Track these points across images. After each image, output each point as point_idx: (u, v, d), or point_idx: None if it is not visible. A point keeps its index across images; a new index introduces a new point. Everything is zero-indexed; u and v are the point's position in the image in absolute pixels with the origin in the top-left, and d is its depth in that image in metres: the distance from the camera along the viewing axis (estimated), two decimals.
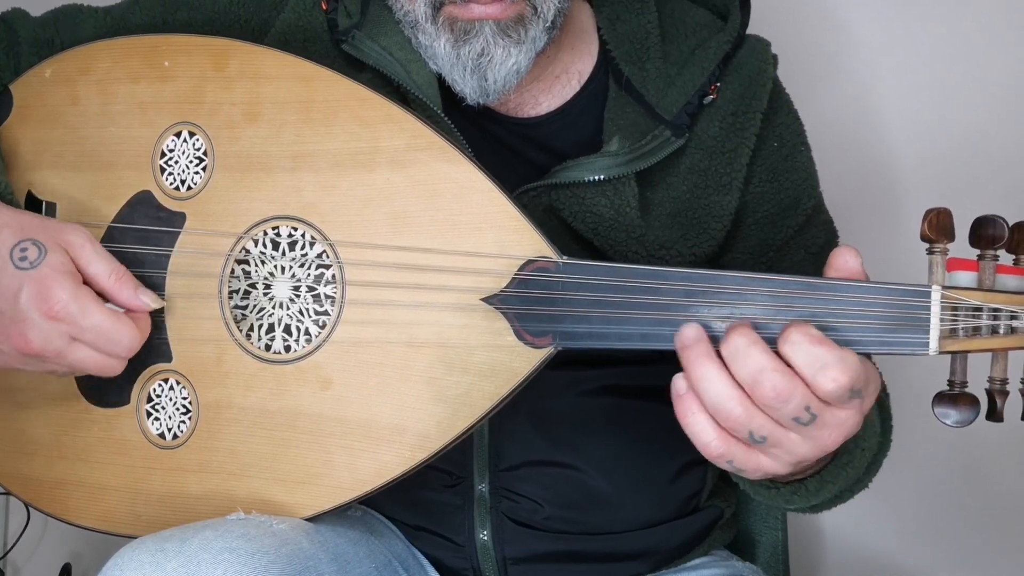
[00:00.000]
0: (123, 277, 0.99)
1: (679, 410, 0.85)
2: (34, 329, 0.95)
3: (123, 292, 0.98)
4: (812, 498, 0.98)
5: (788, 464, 0.86)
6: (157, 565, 0.89)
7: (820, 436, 0.84)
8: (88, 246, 0.98)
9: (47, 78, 1.10)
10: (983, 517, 1.61)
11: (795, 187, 1.14)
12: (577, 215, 1.08)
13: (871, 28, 1.60)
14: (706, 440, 0.85)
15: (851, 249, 0.86)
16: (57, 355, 0.96)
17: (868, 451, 0.98)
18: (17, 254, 0.96)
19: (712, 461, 0.86)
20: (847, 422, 0.84)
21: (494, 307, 0.95)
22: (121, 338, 0.96)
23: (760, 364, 0.81)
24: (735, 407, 0.82)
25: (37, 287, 0.94)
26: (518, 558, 1.14)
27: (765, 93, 1.12)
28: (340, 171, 1.00)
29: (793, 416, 0.82)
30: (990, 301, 0.83)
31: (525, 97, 1.13)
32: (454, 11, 1.03)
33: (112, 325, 0.96)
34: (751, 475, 0.88)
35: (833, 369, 0.80)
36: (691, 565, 1.21)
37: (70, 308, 0.94)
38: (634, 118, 1.10)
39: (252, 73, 1.04)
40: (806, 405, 0.81)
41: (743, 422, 0.83)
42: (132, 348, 0.97)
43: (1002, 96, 1.55)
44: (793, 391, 0.81)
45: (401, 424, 0.97)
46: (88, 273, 0.98)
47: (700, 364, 0.84)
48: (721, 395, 0.83)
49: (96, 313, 0.95)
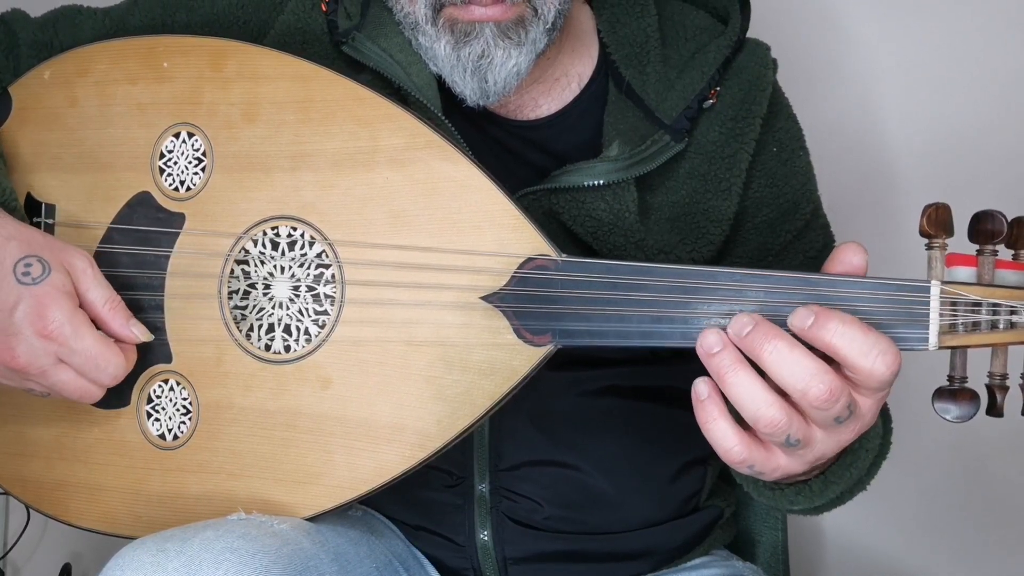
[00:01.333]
0: (117, 307, 1.00)
1: (700, 416, 0.84)
2: (23, 344, 0.95)
3: (115, 320, 0.99)
4: (816, 499, 0.97)
5: (807, 463, 0.86)
6: (158, 565, 0.89)
7: (845, 432, 0.83)
8: (89, 271, 0.99)
9: (46, 80, 1.10)
10: (984, 516, 1.61)
11: (794, 192, 1.14)
12: (577, 219, 1.08)
13: (870, 29, 1.60)
14: (728, 446, 0.84)
15: (858, 246, 0.86)
16: (40, 373, 0.96)
17: (871, 452, 0.98)
18: (21, 268, 0.96)
19: (732, 467, 0.86)
20: (866, 416, 0.84)
21: (493, 305, 0.95)
22: (107, 366, 0.97)
23: (808, 368, 0.80)
24: (776, 413, 0.81)
25: (35, 303, 0.95)
26: (518, 558, 1.14)
27: (765, 98, 1.12)
28: (339, 171, 1.00)
29: (836, 416, 0.81)
30: (989, 296, 0.83)
31: (525, 99, 1.13)
32: (454, 13, 1.03)
33: (101, 351, 0.97)
34: (768, 476, 0.87)
35: (889, 354, 0.80)
36: (691, 565, 1.21)
37: (64, 329, 0.95)
38: (634, 122, 1.10)
39: (250, 73, 1.04)
40: (849, 403, 0.81)
41: (783, 428, 0.81)
42: (116, 377, 0.98)
43: (1001, 95, 1.56)
44: (843, 389, 0.80)
45: (401, 423, 0.97)
46: (85, 298, 0.98)
47: (733, 372, 0.82)
48: (760, 402, 0.81)
49: (88, 337, 0.96)
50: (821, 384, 0.80)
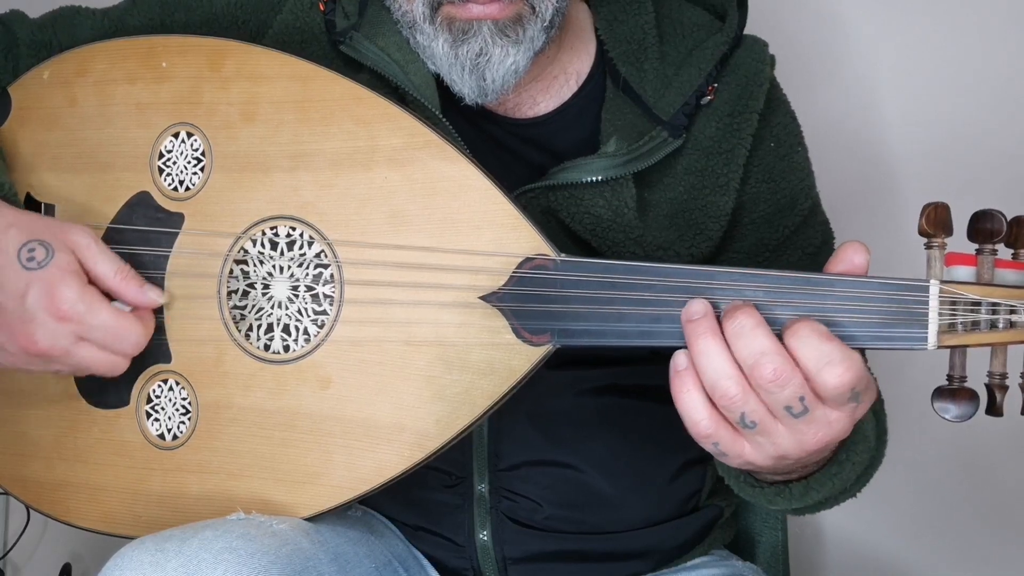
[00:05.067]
0: (128, 275, 0.99)
1: (675, 386, 0.86)
2: (41, 329, 0.95)
3: (129, 289, 0.99)
4: (795, 502, 0.98)
5: (769, 457, 0.86)
6: (157, 565, 0.89)
7: (806, 432, 0.84)
8: (93, 245, 0.99)
9: (45, 80, 1.10)
10: (983, 515, 1.61)
11: (792, 187, 1.14)
12: (575, 216, 1.08)
13: (869, 26, 1.60)
14: (696, 418, 0.85)
15: (860, 244, 0.86)
16: (64, 354, 0.97)
17: (859, 464, 0.98)
18: (25, 254, 0.96)
19: (698, 441, 0.87)
20: (836, 425, 0.85)
21: (492, 305, 0.95)
22: (128, 335, 0.97)
23: (762, 345, 0.82)
24: (732, 385, 0.83)
25: (44, 287, 0.95)
26: (518, 558, 1.14)
27: (762, 93, 1.12)
28: (338, 170, 1.00)
29: (786, 404, 0.82)
30: (989, 295, 0.83)
31: (523, 97, 1.13)
32: (452, 11, 1.03)
33: (119, 323, 0.97)
34: (732, 462, 0.88)
35: (839, 366, 0.81)
36: (691, 564, 1.21)
37: (77, 307, 0.95)
38: (631, 119, 1.10)
39: (248, 73, 1.04)
40: (801, 395, 0.82)
41: (738, 403, 0.83)
42: (139, 345, 0.99)
43: (1000, 95, 1.55)
44: (791, 376, 0.81)
45: (400, 423, 0.97)
46: (94, 273, 0.98)
47: (703, 338, 0.84)
48: (719, 372, 0.83)
49: (103, 311, 0.96)
50: (770, 363, 0.82)
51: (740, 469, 0.98)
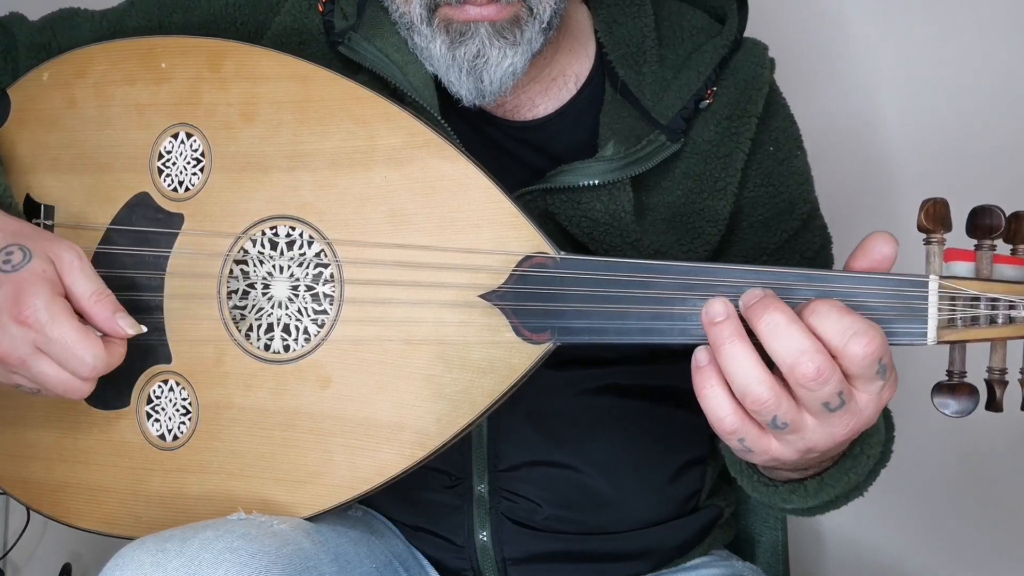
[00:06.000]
0: (103, 299, 0.96)
1: (697, 382, 0.83)
2: (1, 332, 0.93)
3: (101, 312, 0.96)
4: (810, 499, 0.97)
5: (797, 451, 0.85)
6: (158, 565, 0.89)
7: (837, 424, 0.83)
8: (77, 263, 0.96)
9: (44, 81, 1.10)
10: (983, 512, 1.61)
11: (791, 191, 1.14)
12: (573, 219, 1.08)
13: (869, 27, 1.60)
14: (721, 414, 0.83)
15: (888, 235, 0.85)
16: (20, 363, 0.94)
17: (871, 458, 0.97)
18: (2, 257, 0.95)
19: (723, 437, 0.85)
20: (865, 411, 0.83)
21: (492, 303, 0.95)
22: (84, 355, 0.93)
23: (801, 344, 0.80)
24: (764, 391, 0.81)
25: (13, 289, 0.93)
26: (517, 558, 1.14)
27: (761, 97, 1.12)
28: (337, 170, 1.00)
29: (825, 400, 0.81)
30: (988, 291, 0.83)
31: (522, 99, 1.13)
32: (449, 13, 1.03)
33: (77, 340, 0.93)
34: (757, 458, 0.86)
35: (864, 336, 0.79)
36: (691, 565, 1.21)
37: (40, 315, 0.92)
38: (630, 122, 1.10)
39: (248, 73, 1.04)
40: (840, 390, 0.80)
41: (771, 407, 0.81)
42: (95, 368, 0.94)
43: (1000, 94, 1.56)
44: (833, 372, 0.79)
45: (400, 422, 0.97)
46: (71, 290, 0.96)
47: (730, 343, 0.82)
48: (751, 378, 0.81)
49: (64, 324, 0.93)
50: (810, 362, 0.79)
51: (752, 467, 0.98)
